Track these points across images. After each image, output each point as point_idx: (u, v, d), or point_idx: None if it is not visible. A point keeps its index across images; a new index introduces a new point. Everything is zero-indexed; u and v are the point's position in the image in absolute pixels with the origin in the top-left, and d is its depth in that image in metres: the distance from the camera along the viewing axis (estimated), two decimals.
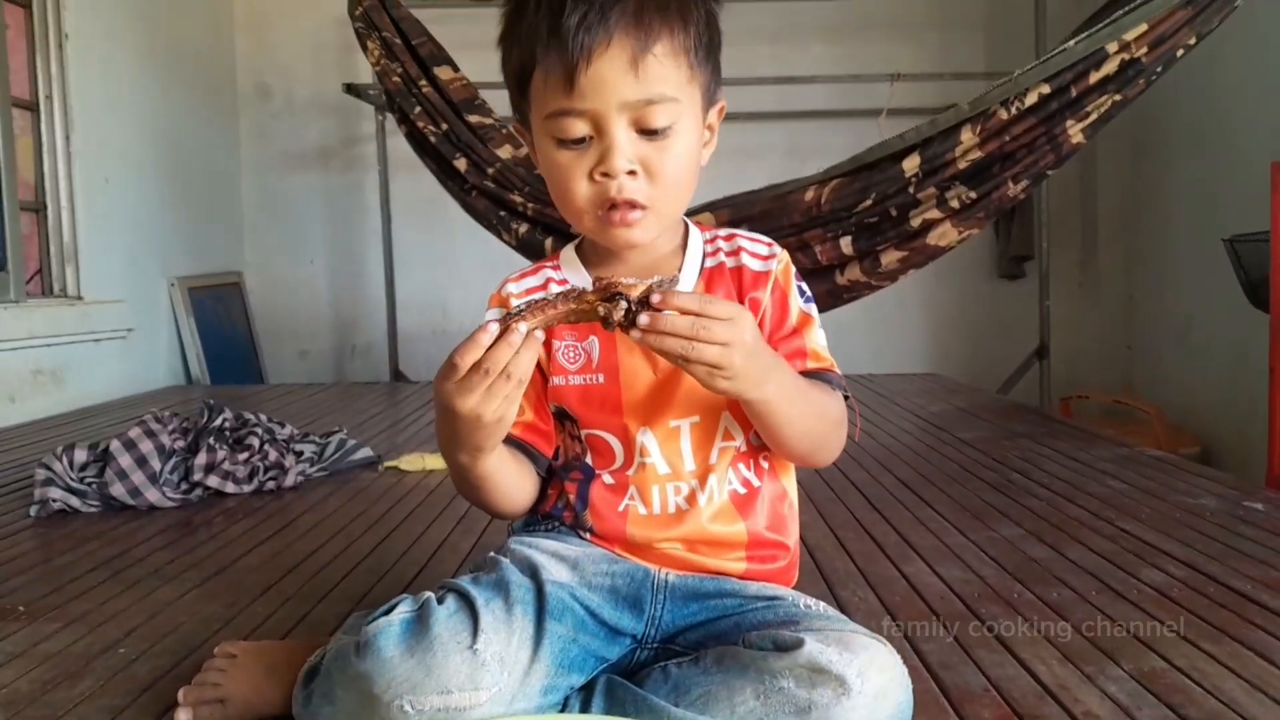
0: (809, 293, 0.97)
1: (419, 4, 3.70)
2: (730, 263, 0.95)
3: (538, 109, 0.87)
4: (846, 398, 0.95)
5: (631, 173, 0.85)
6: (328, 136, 4.45)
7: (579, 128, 0.85)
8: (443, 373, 0.77)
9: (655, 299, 0.75)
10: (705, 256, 0.96)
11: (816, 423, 0.90)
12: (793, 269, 0.96)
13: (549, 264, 0.99)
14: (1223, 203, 3.37)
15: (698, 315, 0.76)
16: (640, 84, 0.83)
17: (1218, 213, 3.35)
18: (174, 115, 3.85)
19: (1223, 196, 3.39)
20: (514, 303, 0.93)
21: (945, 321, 4.46)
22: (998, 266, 4.39)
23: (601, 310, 0.76)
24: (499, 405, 0.77)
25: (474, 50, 3.27)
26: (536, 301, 0.77)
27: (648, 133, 0.85)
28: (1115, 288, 4.29)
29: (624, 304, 0.75)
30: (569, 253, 0.98)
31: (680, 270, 0.94)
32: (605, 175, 0.85)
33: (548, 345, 0.92)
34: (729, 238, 0.97)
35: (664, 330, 0.75)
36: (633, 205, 0.86)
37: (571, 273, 0.96)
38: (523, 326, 0.75)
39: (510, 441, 0.91)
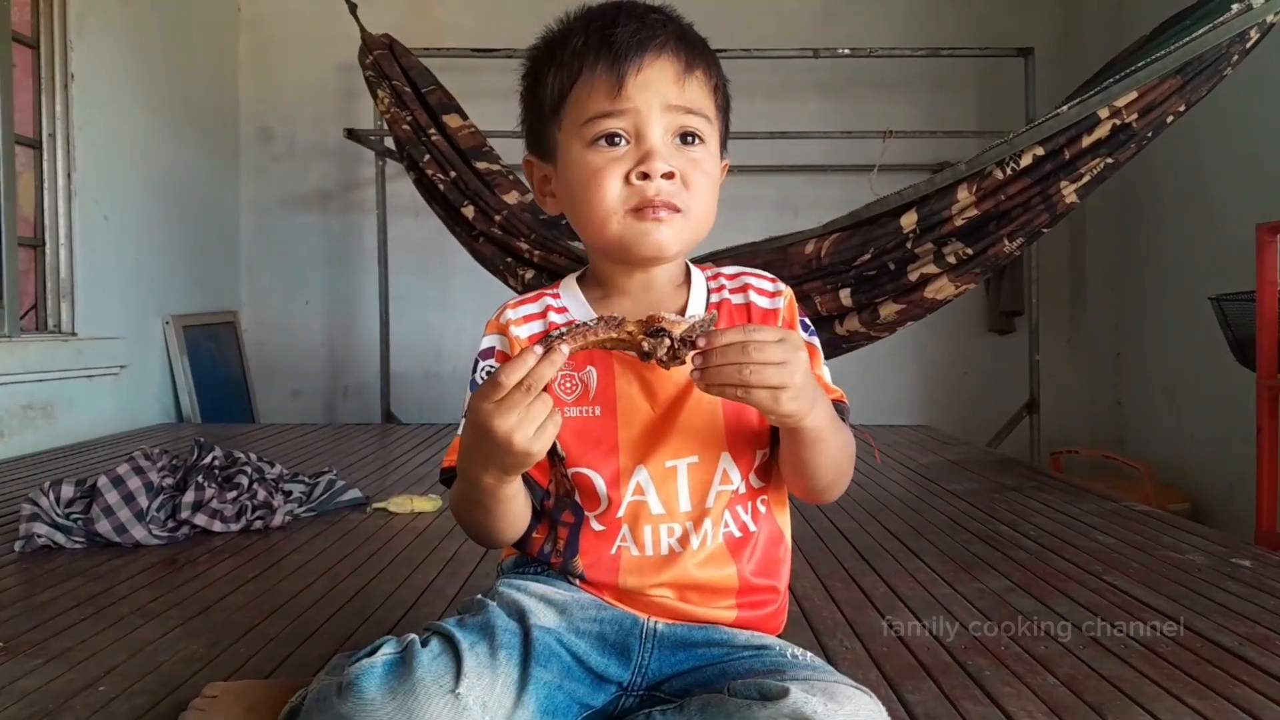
0: (812, 326, 0.98)
1: (426, 54, 3.78)
2: (737, 300, 0.96)
3: (574, 119, 0.90)
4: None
5: (669, 175, 0.88)
6: (327, 180, 4.50)
7: (619, 128, 0.88)
8: (483, 391, 0.78)
9: (701, 342, 0.76)
10: (710, 293, 0.96)
11: (844, 451, 0.91)
12: (796, 304, 0.98)
13: (549, 292, 0.98)
14: (1209, 262, 3.41)
15: (746, 343, 0.76)
16: (684, 94, 0.89)
17: (1204, 272, 3.39)
18: (175, 156, 3.89)
19: (1209, 256, 3.43)
20: (514, 330, 0.94)
21: (937, 374, 4.48)
22: (988, 321, 4.43)
23: (646, 345, 0.77)
24: (532, 429, 0.77)
25: (476, 100, 3.34)
26: (577, 326, 0.79)
27: (684, 141, 0.89)
28: (1104, 344, 4.32)
29: (668, 341, 0.76)
30: (569, 282, 0.98)
31: (686, 305, 0.95)
32: (644, 177, 0.87)
33: None
34: (734, 276, 0.98)
35: (718, 362, 0.76)
36: (668, 207, 0.88)
37: (571, 301, 0.96)
38: (565, 349, 0.77)
39: None
